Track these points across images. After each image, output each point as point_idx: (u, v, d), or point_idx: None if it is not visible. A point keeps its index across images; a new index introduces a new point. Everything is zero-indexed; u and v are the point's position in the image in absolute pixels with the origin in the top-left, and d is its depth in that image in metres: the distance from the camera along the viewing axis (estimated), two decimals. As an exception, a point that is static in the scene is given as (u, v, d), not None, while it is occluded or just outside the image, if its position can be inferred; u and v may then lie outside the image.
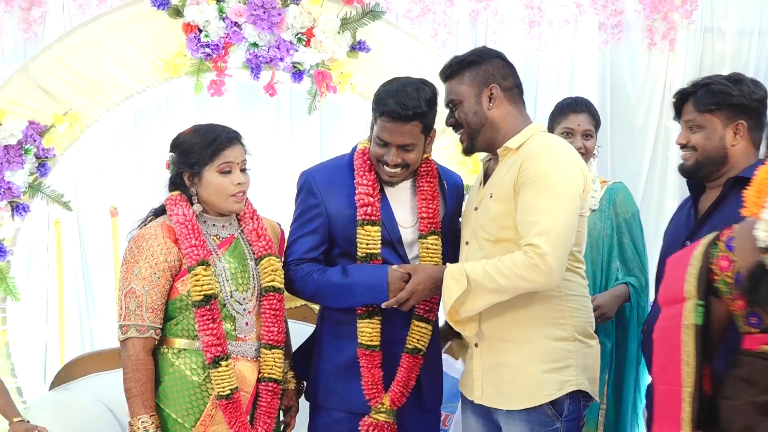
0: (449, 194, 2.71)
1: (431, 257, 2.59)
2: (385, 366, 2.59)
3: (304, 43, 3.73)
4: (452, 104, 2.50)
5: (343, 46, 3.74)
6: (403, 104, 2.45)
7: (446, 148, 3.90)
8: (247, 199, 2.62)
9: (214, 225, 2.56)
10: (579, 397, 2.43)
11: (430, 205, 2.61)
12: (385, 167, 2.54)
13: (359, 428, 2.58)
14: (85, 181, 4.57)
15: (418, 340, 2.60)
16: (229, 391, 2.44)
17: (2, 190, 3.66)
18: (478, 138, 2.49)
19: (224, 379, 2.44)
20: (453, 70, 2.50)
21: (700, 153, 2.40)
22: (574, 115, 3.26)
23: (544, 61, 4.73)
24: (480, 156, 2.70)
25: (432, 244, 2.59)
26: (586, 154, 3.25)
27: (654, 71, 4.73)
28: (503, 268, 2.30)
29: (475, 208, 2.53)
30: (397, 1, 4.56)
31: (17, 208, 3.74)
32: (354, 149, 2.66)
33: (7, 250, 3.74)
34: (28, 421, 2.71)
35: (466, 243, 2.54)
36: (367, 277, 2.50)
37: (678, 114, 2.48)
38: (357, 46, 3.79)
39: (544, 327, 2.41)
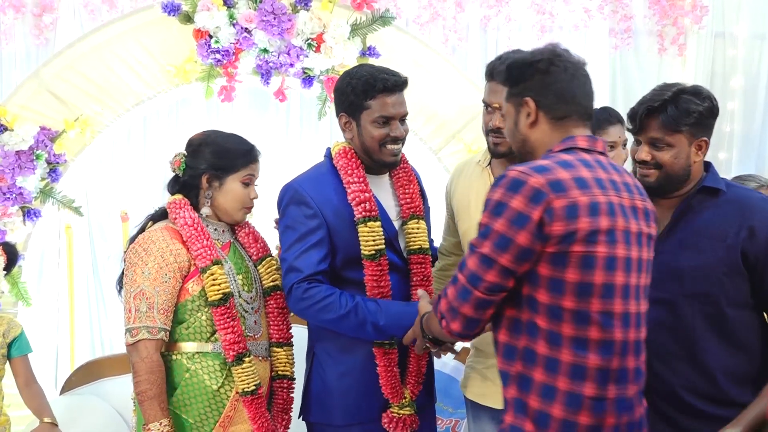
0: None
1: (414, 243, 2.53)
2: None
3: (314, 49, 3.74)
4: None
5: (353, 51, 3.75)
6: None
7: (455, 153, 3.90)
8: None
9: (215, 229, 2.56)
10: None
11: (407, 190, 2.56)
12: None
13: (384, 425, 2.48)
14: (96, 187, 4.58)
15: None
16: (254, 387, 2.43)
17: (14, 195, 3.69)
18: None
19: (248, 375, 2.43)
20: None
21: (666, 171, 2.27)
22: (612, 128, 3.14)
23: (554, 67, 4.72)
24: (478, 161, 2.64)
25: (413, 229, 2.53)
26: (623, 162, 3.21)
27: (665, 76, 4.68)
28: None
29: None
30: (407, 6, 4.56)
31: (29, 214, 3.76)
32: (329, 155, 2.54)
33: (19, 255, 3.76)
34: (56, 424, 2.80)
35: None
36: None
37: (639, 128, 2.29)
38: (367, 52, 3.80)
39: None
